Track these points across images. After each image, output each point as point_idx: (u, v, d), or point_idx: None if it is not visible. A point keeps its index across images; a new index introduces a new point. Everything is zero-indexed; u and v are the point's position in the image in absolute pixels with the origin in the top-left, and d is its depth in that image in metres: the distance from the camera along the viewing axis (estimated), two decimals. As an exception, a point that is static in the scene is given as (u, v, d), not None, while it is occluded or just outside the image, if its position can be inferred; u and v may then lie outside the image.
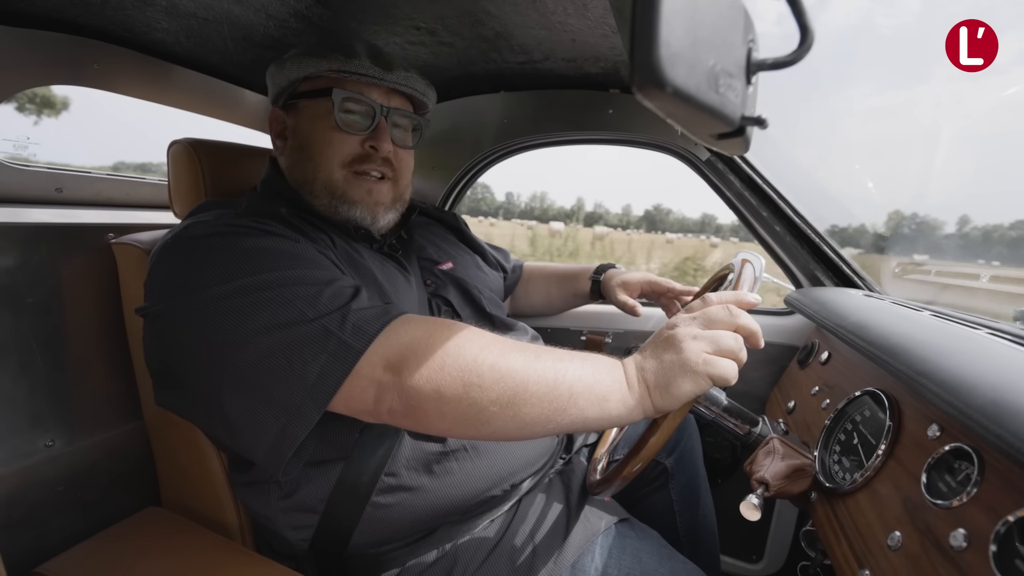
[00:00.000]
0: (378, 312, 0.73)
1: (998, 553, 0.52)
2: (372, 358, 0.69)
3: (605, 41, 1.24)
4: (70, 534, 0.99)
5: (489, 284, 1.25)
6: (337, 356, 0.68)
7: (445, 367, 0.67)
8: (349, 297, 0.74)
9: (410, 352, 0.68)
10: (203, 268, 0.74)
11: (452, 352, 0.68)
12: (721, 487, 1.52)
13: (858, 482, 0.78)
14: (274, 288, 0.71)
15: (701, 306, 0.76)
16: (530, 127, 1.72)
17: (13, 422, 0.95)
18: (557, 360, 0.71)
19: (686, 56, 0.34)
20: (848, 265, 1.47)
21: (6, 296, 0.95)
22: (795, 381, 1.32)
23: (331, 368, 0.68)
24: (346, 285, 0.76)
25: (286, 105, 1.02)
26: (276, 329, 0.69)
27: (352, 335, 0.69)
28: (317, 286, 0.73)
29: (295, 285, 0.72)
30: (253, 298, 0.71)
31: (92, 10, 1.03)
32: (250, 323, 0.69)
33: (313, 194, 1.00)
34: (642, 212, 44.95)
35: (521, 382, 0.68)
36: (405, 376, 0.67)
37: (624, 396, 0.71)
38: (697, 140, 0.52)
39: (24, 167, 1.09)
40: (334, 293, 0.73)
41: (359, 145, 0.99)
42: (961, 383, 0.63)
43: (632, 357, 0.76)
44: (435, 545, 0.90)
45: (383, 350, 0.69)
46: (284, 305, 0.70)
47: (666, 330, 0.75)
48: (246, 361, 0.69)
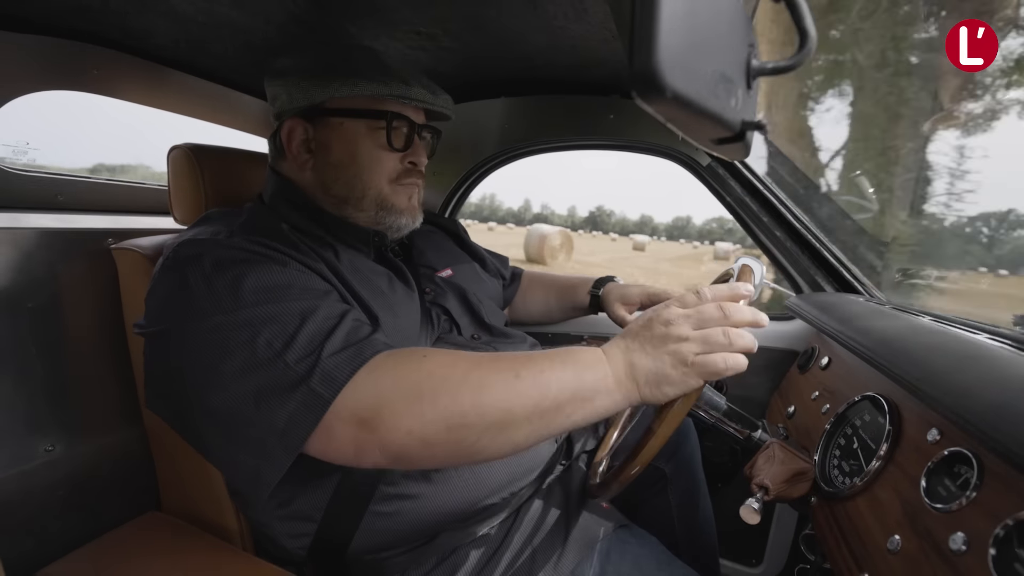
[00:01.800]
0: (350, 355, 0.70)
1: (997, 557, 0.52)
2: (343, 412, 0.67)
3: (606, 46, 1.24)
4: (70, 539, 0.99)
5: (488, 292, 1.25)
6: (306, 404, 0.67)
7: (424, 415, 0.66)
8: (327, 334, 0.71)
9: (384, 405, 0.67)
10: (191, 297, 0.74)
11: (430, 397, 0.67)
12: (721, 491, 1.52)
13: (858, 486, 0.78)
14: (252, 326, 0.70)
15: (695, 301, 0.74)
16: (531, 132, 1.73)
17: (13, 427, 0.95)
18: (538, 373, 0.69)
19: (686, 61, 0.34)
20: (848, 270, 1.47)
21: (6, 301, 0.95)
22: (795, 386, 1.32)
23: (300, 416, 0.67)
24: (328, 315, 0.74)
25: (312, 118, 1.00)
26: (249, 372, 0.68)
27: (321, 383, 0.67)
28: (296, 320, 0.71)
29: (273, 323, 0.71)
30: (230, 337, 0.70)
31: (92, 15, 1.03)
32: (225, 363, 0.69)
33: (360, 208, 1.01)
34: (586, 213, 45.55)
35: (506, 410, 0.67)
36: (383, 433, 0.66)
37: (611, 392, 0.71)
38: (697, 145, 0.52)
39: (24, 172, 1.09)
40: (312, 332, 0.71)
41: (400, 161, 1.02)
42: (960, 388, 0.63)
43: (617, 347, 0.74)
44: (435, 552, 0.90)
45: (354, 403, 0.67)
46: (260, 348, 0.69)
47: (659, 325, 0.73)
48: (220, 401, 0.69)
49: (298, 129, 0.99)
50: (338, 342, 0.71)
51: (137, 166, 31.03)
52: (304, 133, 0.99)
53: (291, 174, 1.03)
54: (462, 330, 1.09)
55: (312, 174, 1.01)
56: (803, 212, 1.52)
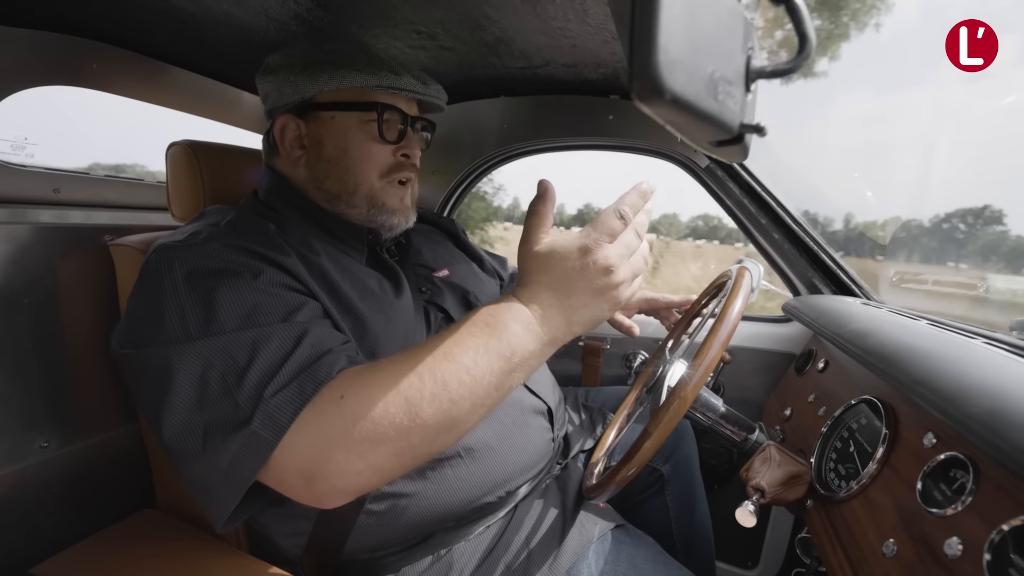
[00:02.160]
0: (294, 393, 0.67)
1: (992, 562, 0.52)
2: (288, 467, 0.65)
3: (605, 47, 1.24)
4: (65, 535, 0.99)
5: (486, 292, 1.24)
6: (248, 446, 0.65)
7: (366, 455, 0.64)
8: (275, 369, 0.68)
9: (323, 457, 0.64)
10: (151, 321, 0.73)
11: (361, 439, 0.64)
12: (717, 493, 1.52)
13: (854, 490, 0.79)
14: (204, 359, 0.69)
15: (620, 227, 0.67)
16: (530, 132, 1.73)
17: (8, 423, 0.95)
18: (464, 373, 0.66)
19: (685, 63, 0.34)
20: (846, 273, 1.47)
21: (2, 297, 0.95)
22: (792, 388, 1.32)
23: (243, 458, 0.65)
24: (284, 343, 0.71)
25: (304, 114, 1.00)
26: (197, 407, 0.67)
27: (263, 425, 0.65)
28: (246, 354, 0.69)
29: (224, 356, 0.69)
30: (184, 368, 0.69)
31: (91, 11, 1.03)
32: (177, 395, 0.68)
33: (352, 204, 1.01)
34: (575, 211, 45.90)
35: (445, 417, 0.65)
36: (334, 480, 0.65)
37: (544, 351, 0.69)
38: (696, 147, 0.52)
39: (21, 168, 1.09)
40: (261, 368, 0.68)
41: (392, 154, 1.02)
42: (957, 392, 0.63)
43: (551, 305, 0.69)
44: (430, 551, 0.89)
45: (296, 460, 0.65)
46: (209, 383, 0.68)
47: (599, 274, 0.66)
48: (171, 431, 0.69)
49: (290, 125, 0.99)
50: (286, 376, 0.68)
51: (133, 165, 30.97)
52: (296, 129, 1.00)
53: (285, 171, 1.03)
54: None
55: (306, 170, 1.01)
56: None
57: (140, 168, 12.30)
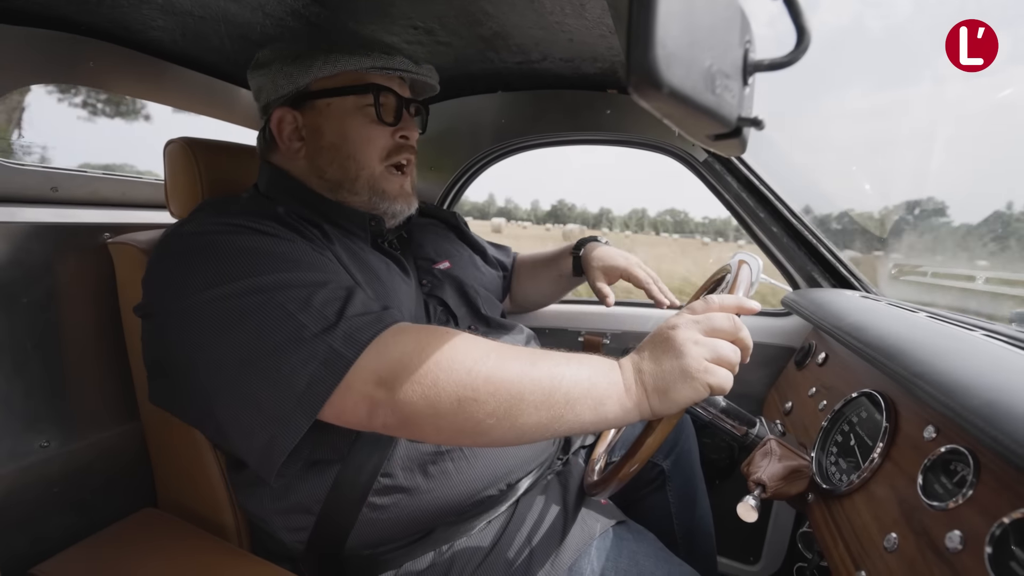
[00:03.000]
0: (371, 320, 0.71)
1: (993, 555, 0.52)
2: (363, 371, 0.67)
3: (603, 41, 1.24)
4: (66, 535, 0.99)
5: (486, 283, 1.25)
6: (328, 364, 0.67)
7: (439, 382, 0.66)
8: (343, 301, 0.72)
9: (402, 367, 0.67)
10: (195, 269, 0.73)
11: (446, 366, 0.67)
12: (718, 488, 1.52)
13: (855, 483, 0.79)
14: (264, 292, 0.70)
15: (704, 308, 0.74)
16: (527, 127, 1.72)
17: (8, 422, 0.95)
18: (553, 365, 0.70)
19: (682, 57, 0.34)
20: (845, 267, 1.47)
21: (1, 296, 0.94)
22: (792, 382, 1.32)
23: (321, 376, 0.67)
24: (340, 286, 0.75)
25: (299, 105, 1.00)
26: (265, 334, 0.68)
27: (343, 343, 0.67)
28: (308, 288, 0.72)
29: (286, 289, 0.71)
30: (243, 302, 0.70)
31: (87, 8, 1.02)
32: (239, 329, 0.69)
33: (354, 191, 1.02)
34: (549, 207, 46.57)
35: (517, 393, 0.67)
36: (398, 392, 0.66)
37: (621, 399, 0.71)
38: (694, 141, 0.52)
39: (19, 166, 1.09)
40: (326, 298, 0.72)
41: (391, 136, 1.03)
42: (957, 385, 0.63)
43: (629, 358, 0.74)
44: (432, 547, 0.89)
45: (375, 363, 0.68)
46: (274, 310, 0.69)
47: (667, 330, 0.73)
48: (235, 367, 0.69)
49: (287, 118, 1.00)
50: (358, 306, 0.72)
51: (123, 165, 30.54)
52: (294, 121, 1.00)
53: (284, 164, 1.03)
54: (459, 321, 1.09)
55: (305, 161, 1.02)
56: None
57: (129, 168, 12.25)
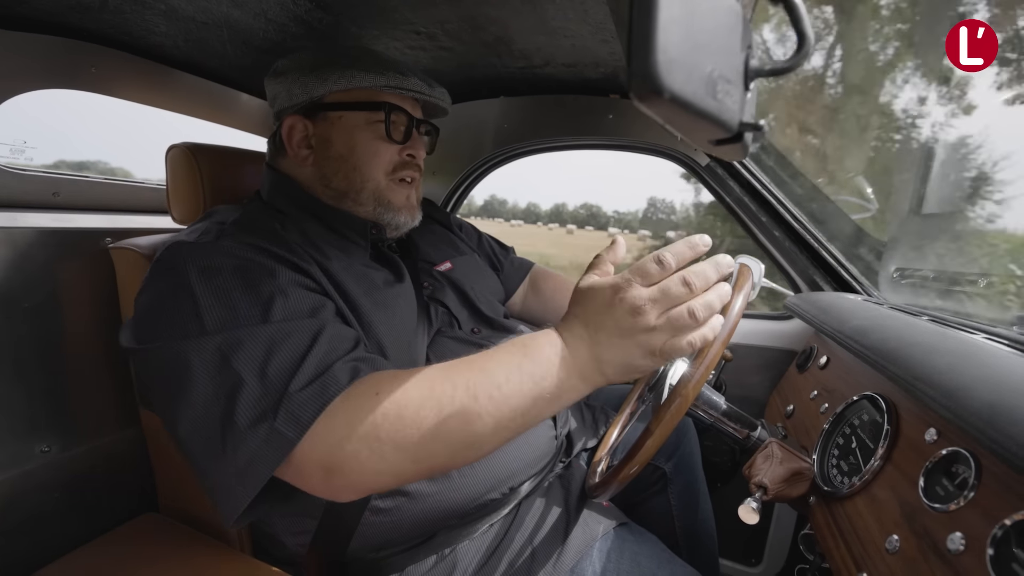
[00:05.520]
0: (316, 391, 0.67)
1: (995, 557, 0.52)
2: (309, 459, 0.65)
3: (605, 47, 1.24)
4: (67, 540, 0.99)
5: (488, 284, 1.25)
6: (269, 442, 0.65)
7: (387, 456, 0.65)
8: (295, 364, 0.68)
9: (346, 452, 0.65)
10: (166, 316, 0.73)
11: (388, 437, 0.65)
12: (720, 491, 1.52)
13: (856, 486, 0.78)
14: (222, 353, 0.68)
15: (657, 272, 0.66)
16: (530, 132, 1.73)
17: (9, 427, 0.95)
18: (495, 389, 0.67)
19: (684, 62, 0.34)
20: (847, 270, 1.47)
21: (3, 301, 0.95)
22: (794, 385, 1.32)
23: (263, 455, 0.65)
24: (302, 340, 0.71)
25: (312, 114, 1.01)
26: (213, 401, 0.67)
27: (286, 422, 0.65)
28: (264, 350, 0.69)
29: (243, 350, 0.69)
30: (199, 360, 0.69)
31: (90, 14, 1.03)
32: (192, 390, 0.68)
33: (359, 202, 1.03)
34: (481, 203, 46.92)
35: (468, 434, 0.66)
36: (352, 477, 0.66)
37: (576, 388, 0.69)
38: (696, 146, 0.52)
39: (21, 171, 1.09)
40: (281, 363, 0.68)
41: (398, 154, 1.04)
42: (959, 388, 0.63)
43: (581, 339, 0.69)
44: (434, 550, 0.89)
45: (318, 453, 0.65)
46: (227, 378, 0.67)
47: (625, 315, 0.66)
48: (186, 427, 0.69)
49: (298, 126, 1.01)
50: (307, 373, 0.68)
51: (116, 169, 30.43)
52: (304, 129, 1.01)
53: (290, 170, 1.04)
54: (462, 324, 1.09)
55: (312, 169, 1.02)
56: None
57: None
